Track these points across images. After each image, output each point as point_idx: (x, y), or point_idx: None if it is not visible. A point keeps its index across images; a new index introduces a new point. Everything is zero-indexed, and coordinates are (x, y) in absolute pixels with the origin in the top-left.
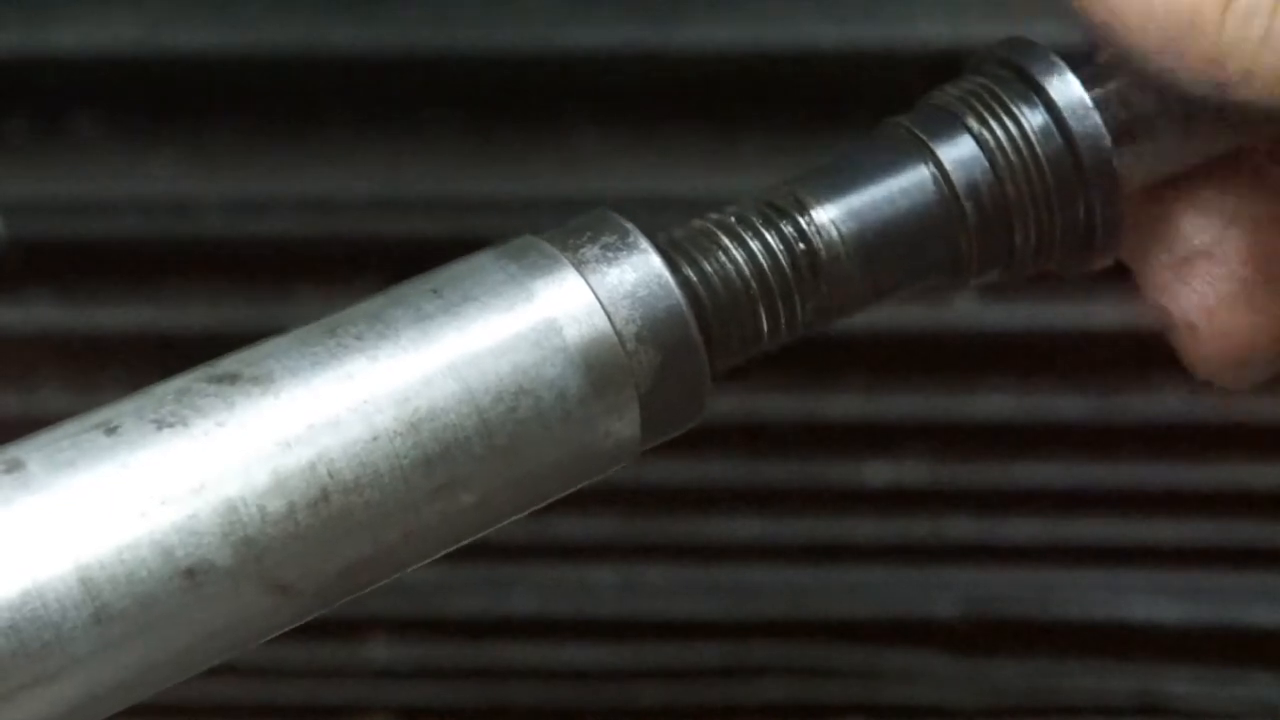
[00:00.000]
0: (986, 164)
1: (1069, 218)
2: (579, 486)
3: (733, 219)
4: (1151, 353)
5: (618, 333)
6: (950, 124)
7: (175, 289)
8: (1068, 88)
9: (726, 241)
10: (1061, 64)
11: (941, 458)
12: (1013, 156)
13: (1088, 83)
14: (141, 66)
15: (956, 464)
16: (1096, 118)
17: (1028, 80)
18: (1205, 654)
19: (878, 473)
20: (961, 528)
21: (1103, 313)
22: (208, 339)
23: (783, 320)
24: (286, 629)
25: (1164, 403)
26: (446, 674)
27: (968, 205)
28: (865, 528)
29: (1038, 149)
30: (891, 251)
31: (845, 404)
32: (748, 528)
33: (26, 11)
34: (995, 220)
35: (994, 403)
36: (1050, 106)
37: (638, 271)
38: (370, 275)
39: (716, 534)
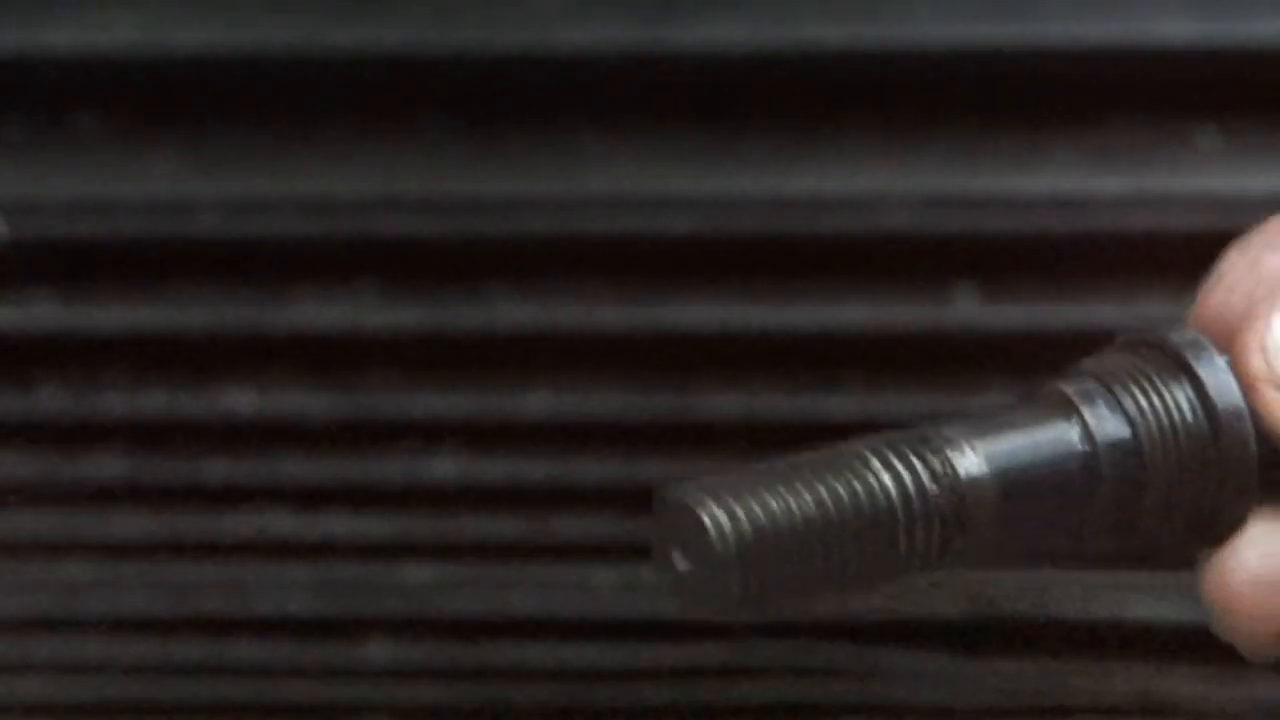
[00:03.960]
0: (1128, 427)
1: (1198, 500)
2: None
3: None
4: None
5: None
6: (1096, 388)
7: (175, 289)
8: (1213, 365)
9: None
10: (1209, 344)
11: None
12: (1153, 422)
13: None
14: (141, 66)
15: None
16: (1242, 404)
17: (1174, 356)
18: (1205, 654)
19: None
20: None
21: (1103, 313)
22: (208, 339)
23: (919, 547)
24: None
25: None
26: (446, 674)
27: (1105, 462)
28: None
29: (1177, 418)
30: (1029, 493)
31: (845, 404)
32: None
33: (26, 11)
34: (1129, 481)
35: (993, 403)
36: (1195, 381)
37: None
38: (370, 275)
39: None
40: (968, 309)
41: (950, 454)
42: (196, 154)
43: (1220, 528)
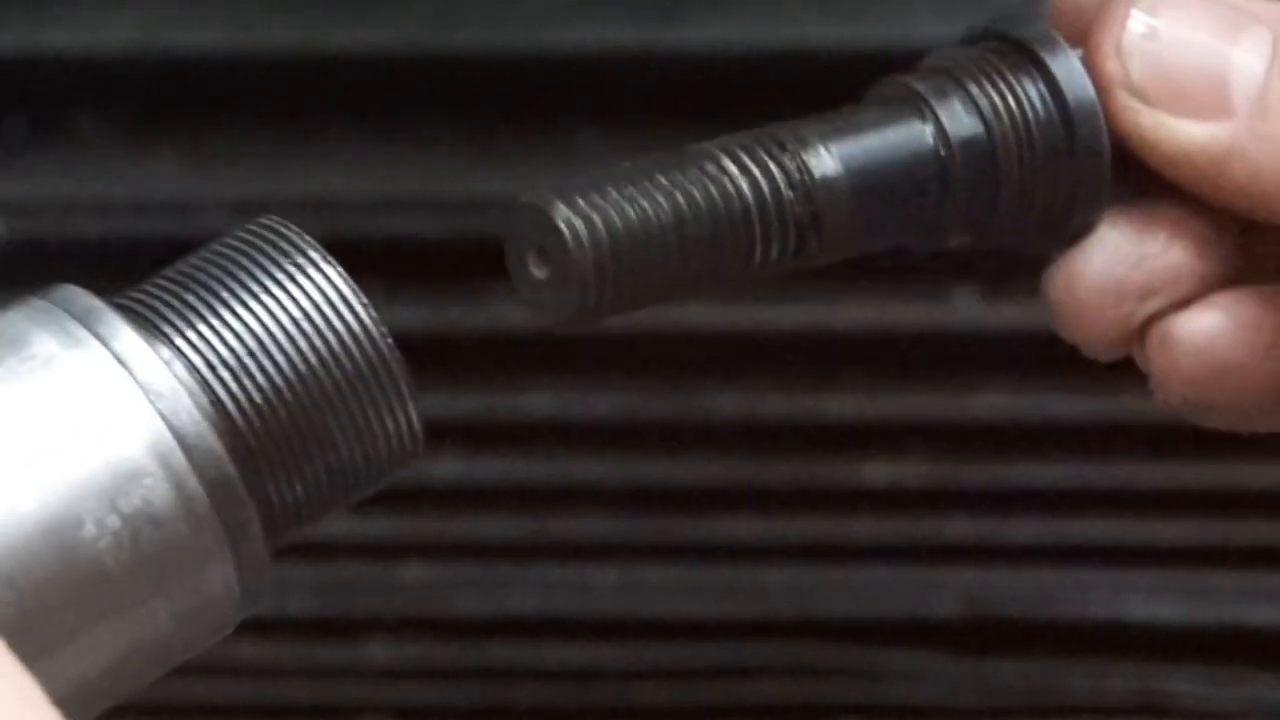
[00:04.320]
0: (981, 124)
1: (1055, 185)
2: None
3: (738, 148)
4: None
5: None
6: (948, 85)
7: None
8: (1067, 62)
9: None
10: (1061, 40)
11: (941, 458)
12: (1006, 119)
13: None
14: (141, 66)
15: (956, 464)
16: (1096, 101)
17: (1027, 52)
18: (1205, 654)
19: (878, 473)
20: (961, 528)
21: None
22: None
23: (774, 248)
24: None
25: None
26: (446, 674)
27: (959, 160)
28: (865, 528)
29: (1030, 114)
30: (883, 193)
31: (845, 404)
32: (748, 528)
33: (26, 11)
34: (983, 178)
35: (994, 403)
36: (1048, 78)
37: None
38: (370, 275)
39: (716, 534)
40: (968, 309)
41: (805, 155)
42: (196, 154)
43: (1072, 228)
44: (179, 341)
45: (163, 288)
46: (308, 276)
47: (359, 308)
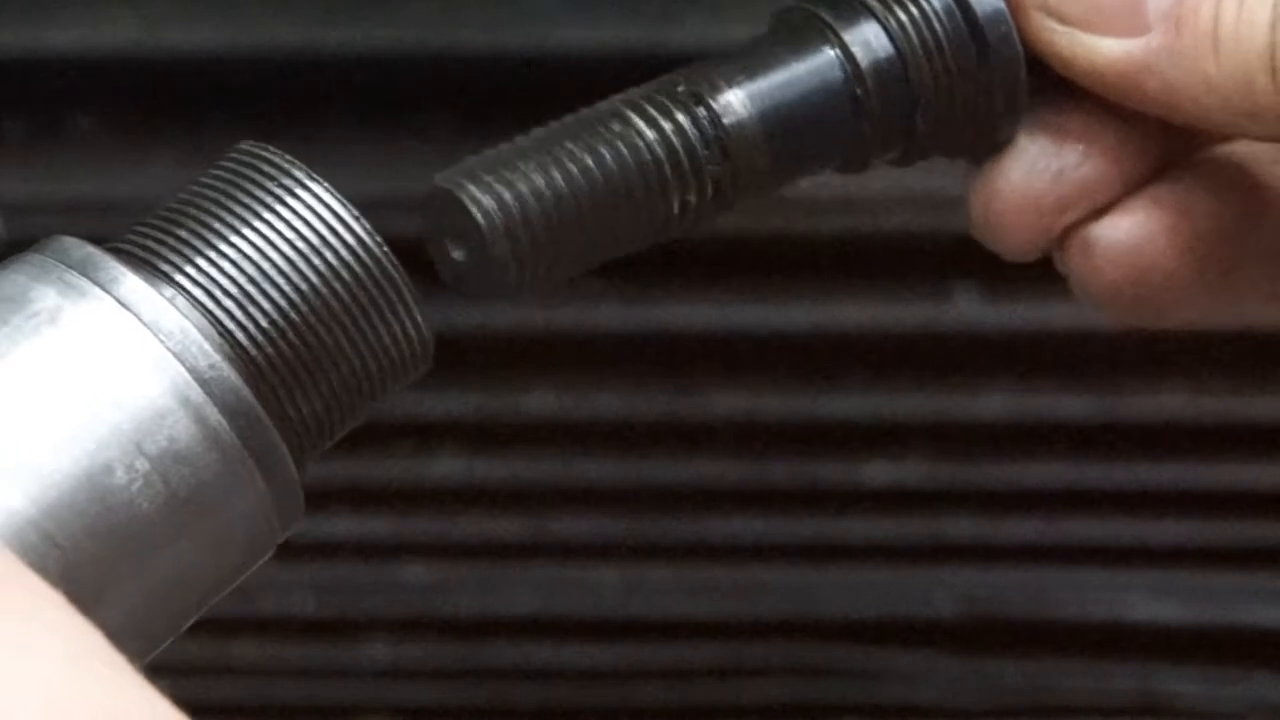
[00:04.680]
0: (890, 45)
1: (970, 99)
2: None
3: (642, 99)
4: (1151, 353)
5: None
6: (853, 7)
7: None
8: None
9: (642, 123)
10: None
11: (941, 458)
12: (915, 37)
13: None
14: (141, 66)
15: (956, 464)
16: (1008, 18)
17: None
18: (1205, 654)
19: (878, 473)
20: (961, 528)
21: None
22: None
23: (692, 200)
24: None
25: (1164, 403)
26: (446, 674)
27: (871, 85)
28: (865, 528)
29: (939, 29)
30: (797, 130)
31: (845, 404)
32: (748, 528)
33: (26, 11)
34: (898, 100)
35: (994, 403)
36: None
37: None
38: None
39: (716, 534)
40: (968, 309)
41: (714, 103)
42: (196, 154)
43: (990, 143)
44: (179, 278)
45: (156, 227)
46: (296, 196)
47: (351, 220)
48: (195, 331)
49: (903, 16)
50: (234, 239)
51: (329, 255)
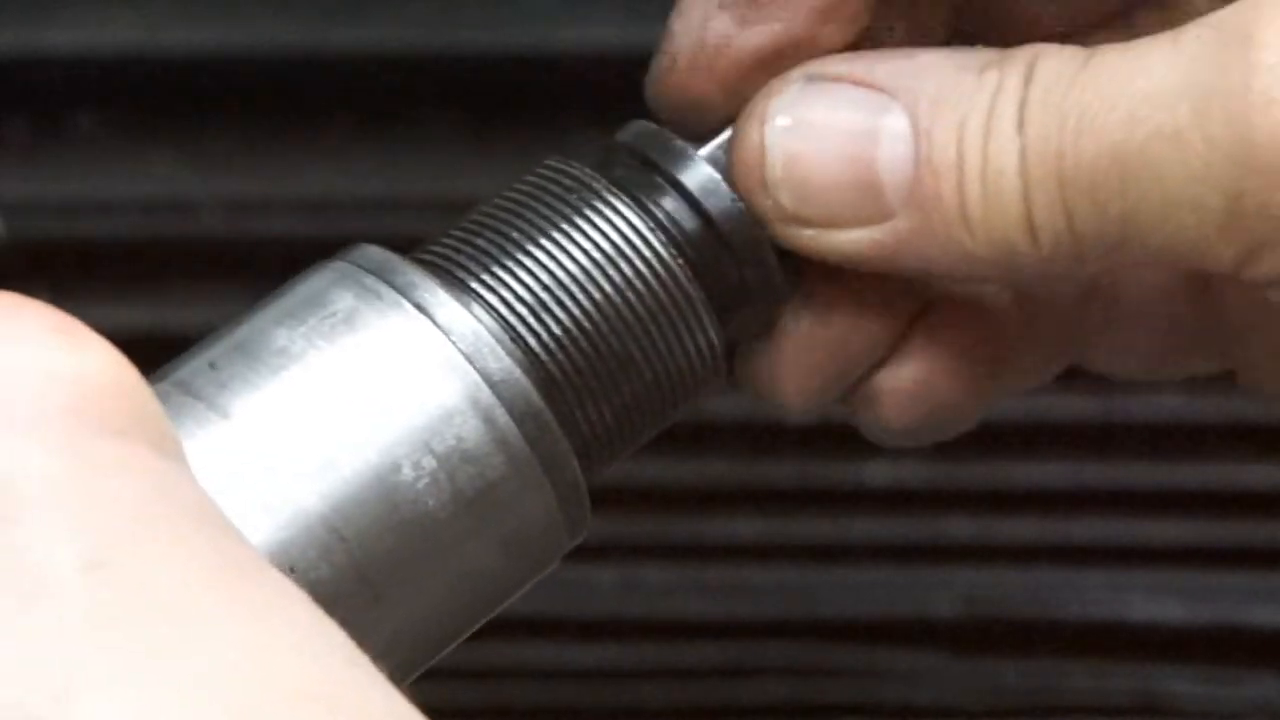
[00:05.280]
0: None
1: (723, 286)
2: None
3: None
4: None
5: None
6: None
7: (175, 289)
8: (698, 169)
9: None
10: (686, 147)
11: (941, 458)
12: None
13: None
14: (141, 66)
15: (956, 464)
16: (729, 194)
17: (657, 169)
18: (1205, 654)
19: (878, 473)
20: (961, 528)
21: None
22: None
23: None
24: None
25: (1164, 403)
26: (446, 674)
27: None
28: (865, 528)
29: (675, 232)
30: None
31: None
32: (748, 528)
33: (26, 11)
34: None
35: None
36: (681, 189)
37: None
38: None
39: (716, 534)
40: None
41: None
42: (196, 154)
43: (762, 326)
44: (474, 285)
45: (455, 237)
46: (594, 208)
47: (648, 233)
48: (487, 335)
49: (659, 214)
50: (530, 248)
51: (624, 266)
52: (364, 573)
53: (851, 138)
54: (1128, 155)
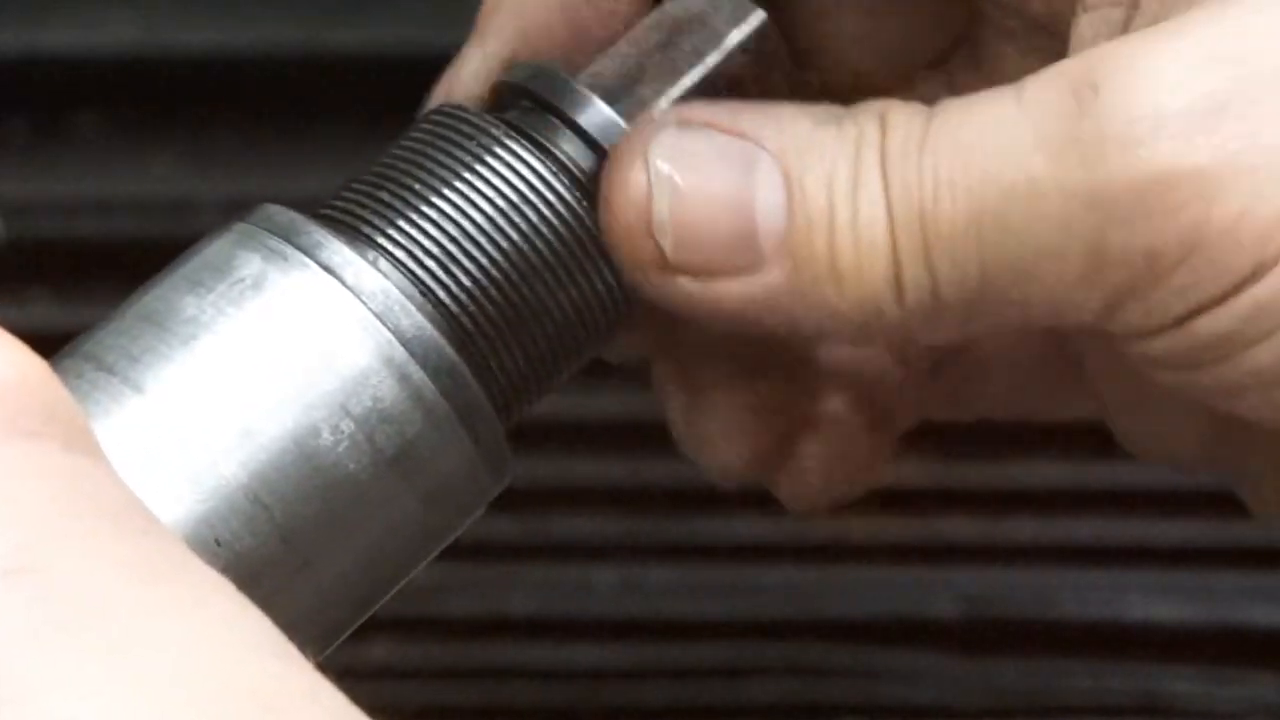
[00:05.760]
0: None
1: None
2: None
3: None
4: None
5: None
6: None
7: None
8: (594, 109)
9: None
10: (585, 91)
11: (941, 458)
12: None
13: (618, 104)
14: (141, 66)
15: (956, 464)
16: (623, 128)
17: (553, 110)
18: (1205, 654)
19: None
20: (961, 528)
21: None
22: None
23: None
24: None
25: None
26: (446, 674)
27: None
28: (865, 528)
29: (575, 173)
30: None
31: None
32: (748, 528)
33: (26, 12)
34: None
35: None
36: (579, 130)
37: None
38: None
39: (716, 534)
40: None
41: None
42: (196, 154)
43: None
44: (381, 240)
45: (356, 191)
46: (494, 154)
47: (550, 176)
48: (397, 292)
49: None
50: (434, 199)
51: (529, 212)
52: (289, 539)
53: (732, 184)
54: (983, 213)
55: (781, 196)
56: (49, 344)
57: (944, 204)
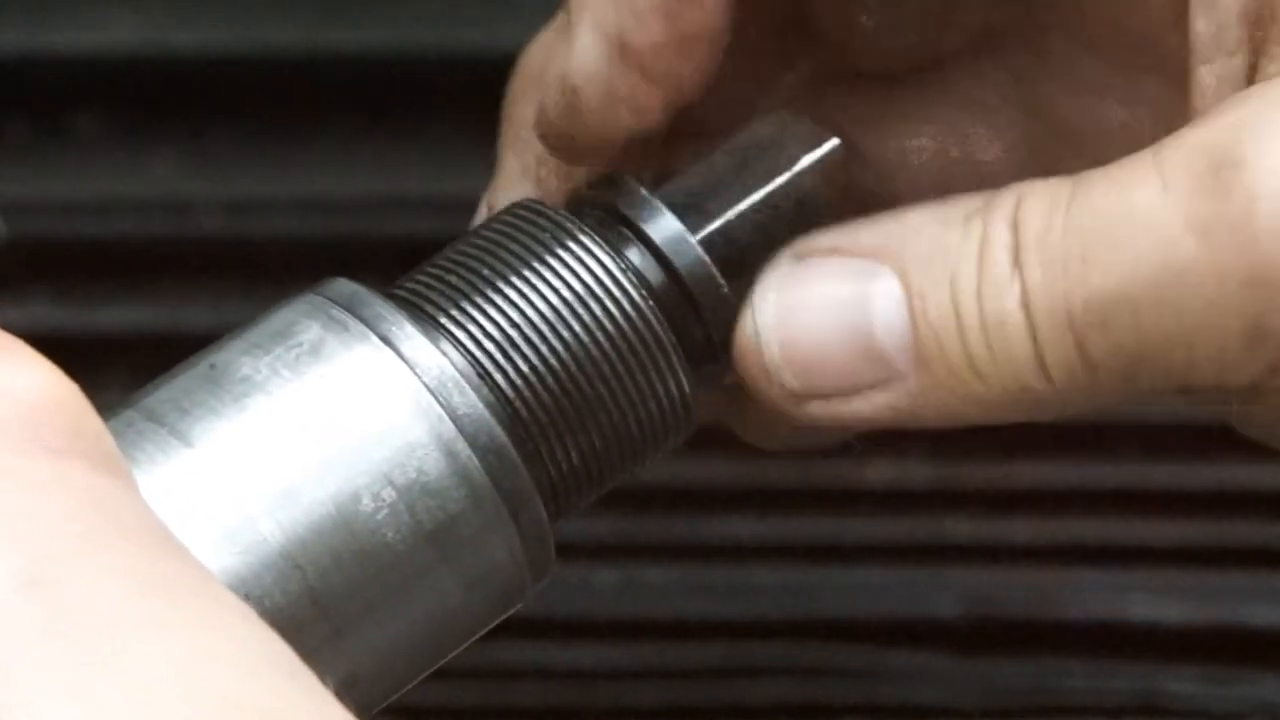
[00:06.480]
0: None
1: (689, 341)
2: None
3: None
4: None
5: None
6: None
7: (175, 289)
8: (663, 222)
9: None
10: (657, 203)
11: (941, 458)
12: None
13: (686, 219)
14: (141, 66)
15: (956, 464)
16: (697, 249)
17: (624, 221)
18: (1205, 654)
19: (878, 473)
20: (961, 528)
21: None
22: (208, 339)
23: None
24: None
25: (1164, 402)
26: (446, 674)
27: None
28: (865, 528)
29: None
30: None
31: None
32: (748, 528)
33: (26, 12)
34: None
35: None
36: (648, 244)
37: None
38: (370, 275)
39: (716, 534)
40: None
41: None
42: (196, 154)
43: (719, 354)
44: (444, 320)
45: (427, 274)
46: (565, 247)
47: (619, 274)
48: (453, 370)
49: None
50: (500, 285)
51: (595, 306)
52: (320, 602)
53: (844, 308)
54: (1136, 291)
55: (902, 309)
56: (49, 344)
57: (1094, 281)
